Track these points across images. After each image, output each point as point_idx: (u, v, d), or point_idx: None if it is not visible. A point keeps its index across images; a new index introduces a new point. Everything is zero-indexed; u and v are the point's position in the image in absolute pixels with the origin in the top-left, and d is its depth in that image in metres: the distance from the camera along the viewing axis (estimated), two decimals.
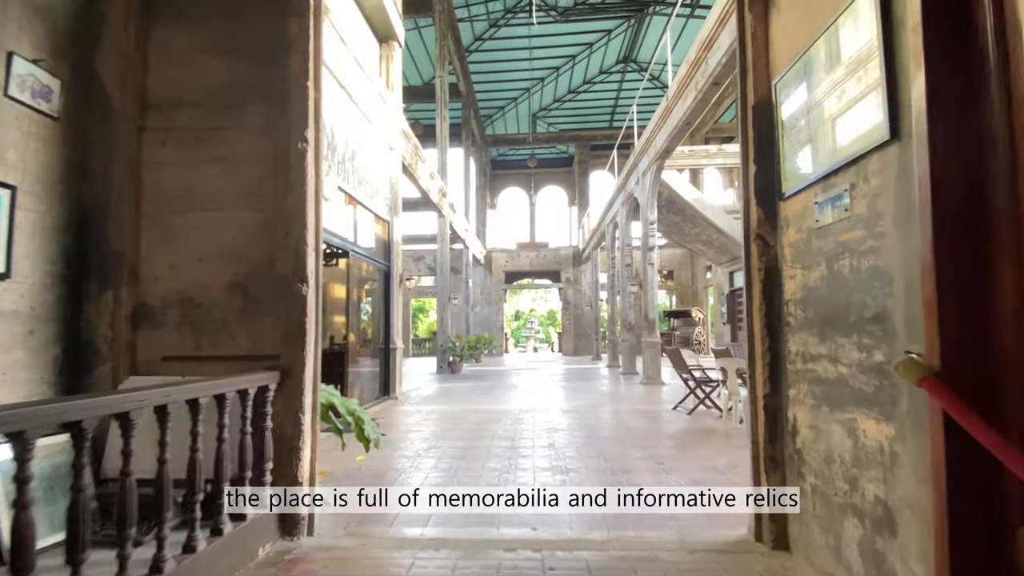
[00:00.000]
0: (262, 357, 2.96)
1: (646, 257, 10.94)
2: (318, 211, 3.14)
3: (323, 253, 7.60)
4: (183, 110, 3.07)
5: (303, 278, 2.99)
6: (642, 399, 8.50)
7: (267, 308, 3.01)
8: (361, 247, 7.63)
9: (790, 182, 2.75)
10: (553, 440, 5.29)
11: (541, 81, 23.01)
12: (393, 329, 8.85)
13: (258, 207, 3.06)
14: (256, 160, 3.06)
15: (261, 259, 3.04)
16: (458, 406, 7.87)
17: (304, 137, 3.02)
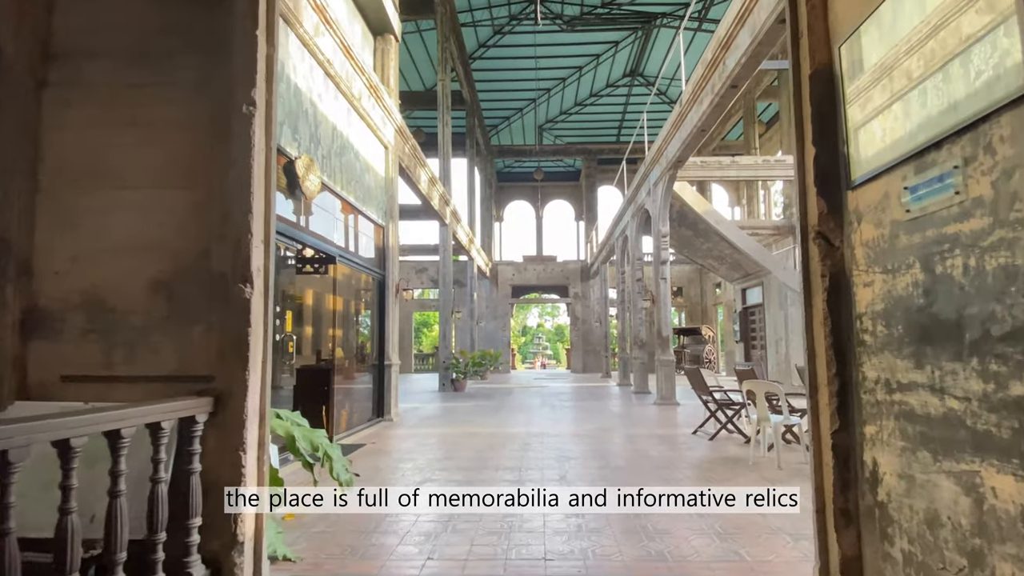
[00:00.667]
0: (192, 378, 2.38)
1: (658, 271, 10.38)
2: (269, 193, 2.56)
3: (306, 258, 7.10)
4: (97, 61, 2.47)
5: (246, 277, 2.40)
6: (658, 422, 7.88)
7: (199, 315, 2.42)
8: (351, 253, 7.13)
9: (861, 166, 2.21)
10: (565, 472, 4.70)
11: (547, 92, 22.71)
12: (388, 344, 8.31)
13: (190, 184, 2.46)
14: (188, 125, 2.47)
15: (192, 252, 2.44)
16: (459, 429, 7.29)
17: (250, 99, 2.42)
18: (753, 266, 12.40)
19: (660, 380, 10.10)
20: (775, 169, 10.88)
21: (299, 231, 5.71)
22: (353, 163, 7.27)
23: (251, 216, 2.47)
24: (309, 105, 6.05)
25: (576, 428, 7.30)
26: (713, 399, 6.43)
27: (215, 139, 2.45)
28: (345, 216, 7.01)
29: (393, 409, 8.30)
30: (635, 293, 12.88)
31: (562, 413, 9.01)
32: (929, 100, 1.82)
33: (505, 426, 7.55)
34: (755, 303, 13.03)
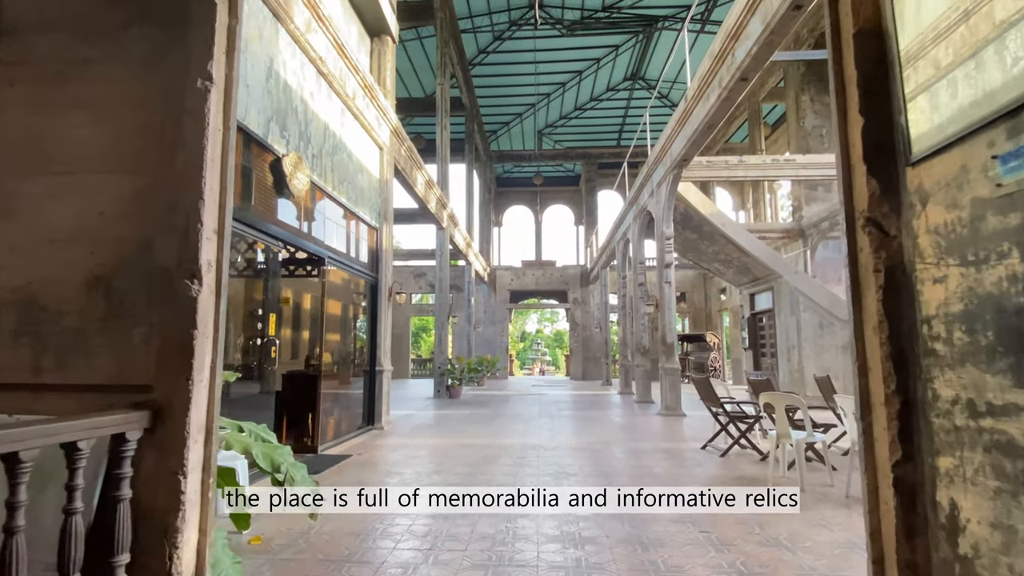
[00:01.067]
0: (129, 388, 2.01)
1: (662, 275, 9.97)
2: (226, 179, 2.21)
3: (293, 260, 6.69)
4: (46, 36, 2.18)
5: (193, 272, 2.04)
6: (663, 434, 7.45)
7: (140, 315, 2.06)
8: (341, 255, 6.73)
9: (925, 136, 1.81)
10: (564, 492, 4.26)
11: (547, 97, 22.42)
12: (380, 349, 7.89)
13: (136, 168, 2.14)
14: (137, 104, 2.16)
15: (135, 243, 2.10)
16: (452, 440, 6.86)
17: (207, 73, 2.11)
18: (762, 270, 11.99)
19: (664, 389, 9.67)
20: (784, 169, 10.50)
21: (285, 231, 5.31)
22: (346, 163, 6.89)
23: (202, 203, 2.13)
24: (299, 102, 5.70)
25: (575, 440, 6.87)
26: (724, 411, 6.00)
27: (167, 118, 2.14)
28: (335, 216, 6.61)
29: (384, 417, 7.87)
30: (637, 298, 12.47)
31: (561, 423, 8.57)
32: None
33: (500, 437, 7.12)
34: (764, 309, 12.61)
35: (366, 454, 5.85)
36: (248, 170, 4.76)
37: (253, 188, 4.82)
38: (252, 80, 4.78)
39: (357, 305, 7.70)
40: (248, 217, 4.65)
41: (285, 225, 5.33)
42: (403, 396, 13.68)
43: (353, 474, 4.88)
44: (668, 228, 9.90)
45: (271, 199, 5.11)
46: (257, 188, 4.90)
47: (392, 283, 8.37)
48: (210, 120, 2.16)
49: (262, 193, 4.97)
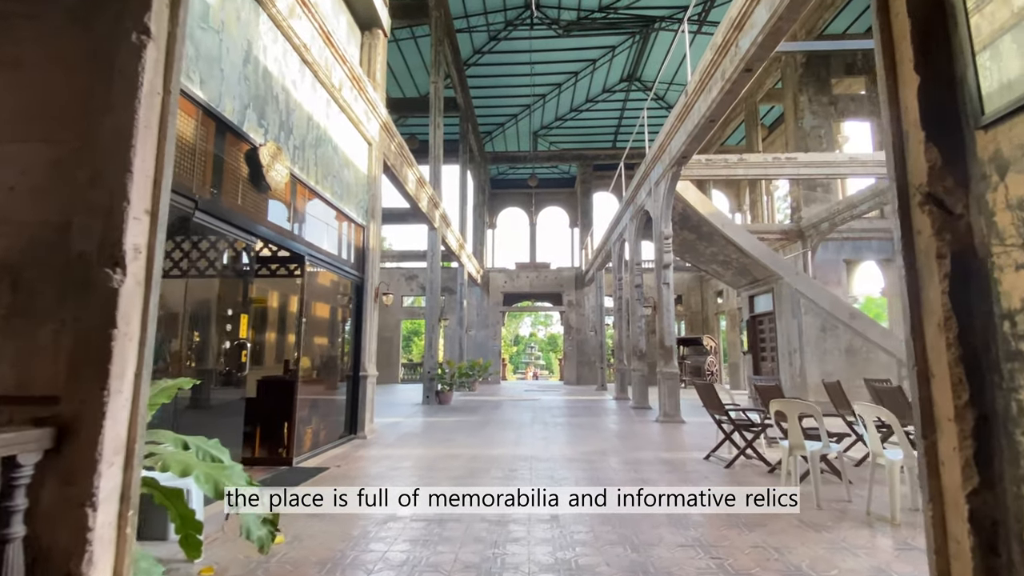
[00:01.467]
0: (29, 400, 1.66)
1: (660, 276, 9.65)
2: (164, 151, 1.87)
3: (270, 257, 6.29)
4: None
5: (116, 259, 1.69)
6: (663, 443, 7.10)
7: (49, 311, 1.72)
8: (324, 253, 6.35)
9: (1004, 91, 1.47)
10: (556, 510, 3.90)
11: (542, 98, 22.14)
12: (365, 353, 7.51)
13: (56, 137, 1.81)
14: (65, 64, 1.83)
15: (49, 224, 1.76)
16: (438, 450, 6.48)
17: (143, 26, 1.79)
18: (762, 272, 11.68)
19: (663, 395, 9.33)
20: (785, 167, 10.21)
21: (262, 226, 4.94)
22: (331, 157, 6.53)
23: (129, 177, 1.78)
24: (280, 91, 5.34)
25: (570, 450, 6.50)
26: (729, 419, 5.66)
27: (96, 79, 1.81)
28: (319, 213, 6.24)
29: (368, 425, 7.48)
30: (634, 300, 12.14)
31: (554, 431, 8.20)
32: None
33: (490, 446, 6.74)
34: (764, 311, 12.30)
35: (345, 466, 5.46)
36: (220, 159, 4.39)
37: (225, 178, 4.45)
38: (227, 65, 4.43)
39: (341, 307, 7.32)
40: (218, 209, 4.28)
41: (261, 220, 4.96)
42: (391, 402, 13.28)
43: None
44: (667, 228, 9.58)
45: (246, 191, 4.74)
46: (229, 179, 4.53)
47: (379, 284, 7.99)
48: (145, 80, 1.82)
49: (235, 184, 4.60)
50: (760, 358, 12.82)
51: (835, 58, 16.61)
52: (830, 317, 11.23)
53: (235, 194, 4.60)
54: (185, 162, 3.96)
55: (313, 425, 6.15)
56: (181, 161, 3.91)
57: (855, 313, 11.47)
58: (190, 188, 3.97)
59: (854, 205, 13.25)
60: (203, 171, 4.16)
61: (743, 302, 13.51)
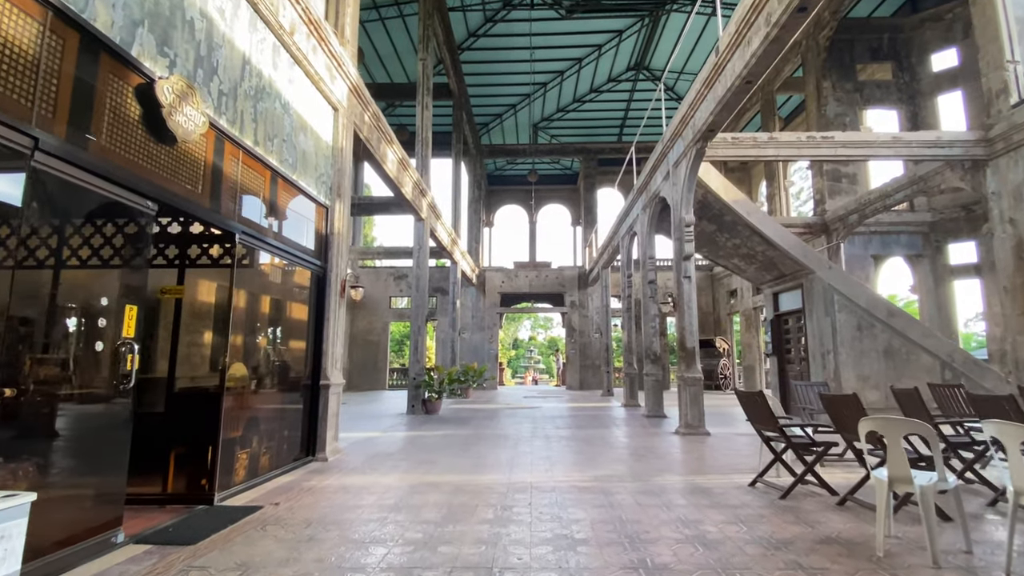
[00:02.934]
0: None
1: (680, 269, 8.36)
2: None
3: (188, 235, 4.85)
4: None
5: None
6: (691, 463, 5.78)
7: None
8: (267, 233, 5.06)
9: None
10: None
11: (543, 87, 20.89)
12: (327, 357, 6.21)
13: None
14: None
15: None
16: (413, 477, 5.17)
17: None
18: (790, 266, 10.40)
19: (684, 403, 8.02)
20: (821, 147, 8.91)
21: (165, 189, 3.66)
22: (278, 116, 5.25)
23: None
24: (198, 16, 4.07)
25: (579, 474, 5.19)
26: (783, 436, 4.36)
27: None
28: (260, 183, 4.96)
29: (330, 444, 6.17)
30: (647, 298, 10.84)
31: (559, 448, 6.89)
32: None
33: (480, 470, 5.43)
34: (791, 309, 11.00)
35: (286, 504, 4.15)
36: (89, 89, 3.11)
37: (99, 117, 3.17)
38: None
39: (294, 301, 6.02)
40: (81, 157, 2.99)
41: (162, 179, 3.67)
42: (371, 413, 11.96)
43: (243, 548, 3.19)
44: (688, 214, 8.30)
45: (136, 139, 3.46)
46: (111, 119, 3.25)
47: (347, 275, 6.70)
48: None
49: (119, 128, 3.32)
50: (786, 360, 11.51)
51: (859, 43, 15.41)
52: (867, 315, 9.95)
53: (119, 140, 3.31)
54: (17, 81, 2.69)
55: (252, 447, 4.85)
56: (8, 78, 2.64)
57: (894, 311, 10.17)
58: (26, 119, 2.69)
59: (887, 195, 11.98)
60: (54, 101, 2.88)
61: (766, 300, 12.21)
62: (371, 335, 22.40)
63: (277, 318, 5.69)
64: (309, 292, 6.19)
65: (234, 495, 4.35)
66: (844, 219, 13.43)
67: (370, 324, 22.48)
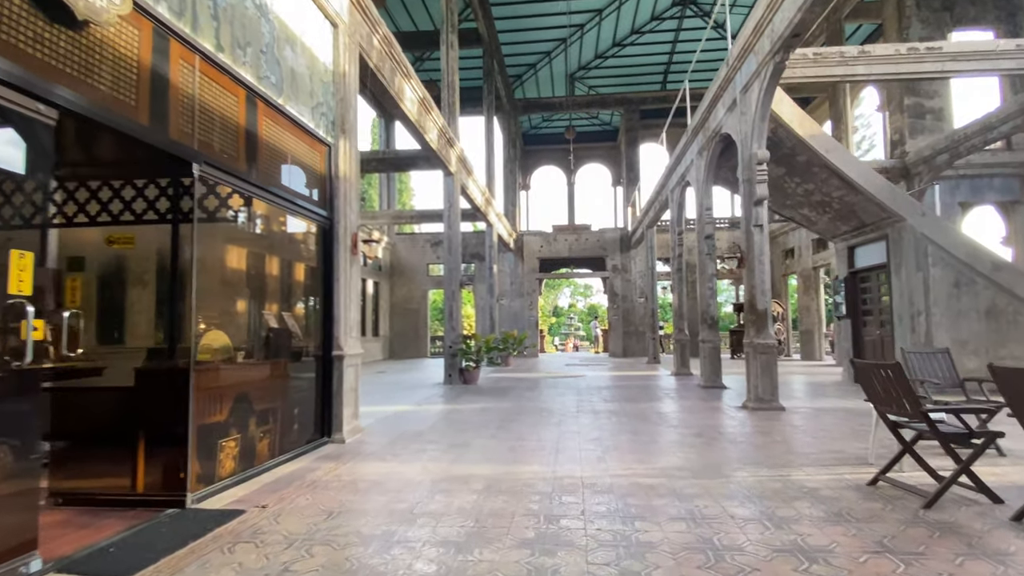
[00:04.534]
0: None
1: (752, 216, 7.08)
2: None
3: (125, 158, 3.30)
4: None
5: None
6: (777, 449, 4.69)
7: None
8: (244, 170, 4.12)
9: None
10: None
11: (580, 29, 19.15)
12: (339, 325, 5.34)
13: None
14: None
15: None
16: (439, 466, 4.28)
17: None
18: (874, 213, 8.93)
19: (755, 373, 6.87)
20: (925, 61, 7.28)
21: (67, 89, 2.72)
22: (251, 18, 4.22)
23: None
24: None
25: (641, 467, 4.19)
26: (929, 424, 3.22)
27: None
28: (231, 104, 4.00)
29: (347, 424, 5.35)
30: (703, 255, 9.59)
31: (610, 427, 5.90)
32: None
33: (519, 458, 4.50)
34: (870, 265, 9.57)
35: (274, 507, 3.32)
36: None
37: None
38: None
39: (293, 258, 5.14)
40: None
41: (68, 78, 2.72)
42: (409, 382, 11.24)
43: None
44: (760, 149, 6.96)
45: (14, 14, 2.51)
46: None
47: (358, 228, 5.76)
48: None
49: None
50: (862, 323, 10.10)
51: None
52: (967, 269, 8.46)
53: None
54: None
55: (245, 433, 4.04)
56: None
57: (1000, 263, 8.63)
58: None
59: (990, 127, 10.14)
60: None
61: (839, 256, 10.73)
62: (410, 303, 21.81)
63: (271, 278, 4.82)
64: (313, 248, 5.29)
65: (217, 493, 3.55)
66: (930, 160, 11.64)
67: (409, 292, 21.87)
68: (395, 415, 6.86)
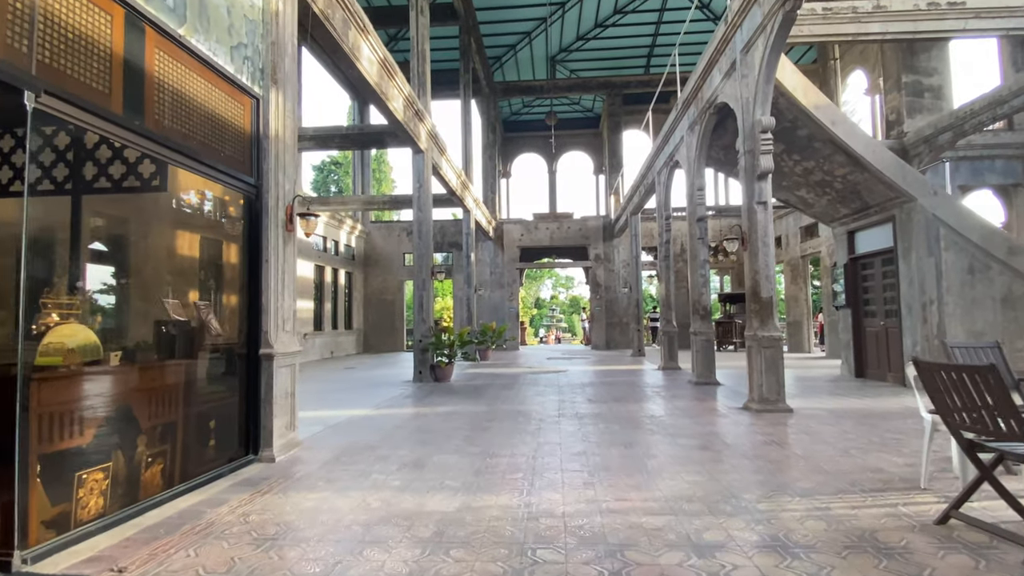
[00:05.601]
0: None
1: (755, 192, 6.25)
2: None
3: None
4: None
5: None
6: (798, 466, 3.87)
7: None
8: (128, 118, 3.12)
9: None
10: None
11: (561, 7, 18.19)
12: (270, 317, 4.37)
13: None
14: None
15: None
16: (382, 498, 3.36)
17: None
18: (880, 193, 8.20)
19: (757, 370, 6.06)
20: (947, 18, 6.51)
21: None
22: None
23: None
24: None
25: (640, 496, 3.33)
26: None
27: None
28: (99, 24, 3.00)
29: (279, 439, 4.40)
30: (696, 239, 8.78)
31: (598, 437, 5.03)
32: None
33: (485, 485, 3.60)
34: (873, 250, 8.86)
35: (139, 570, 2.37)
36: None
37: None
38: None
39: (202, 232, 4.16)
40: None
41: None
42: (376, 379, 10.28)
43: None
44: (764, 115, 6.13)
45: None
46: None
47: (294, 199, 4.78)
48: None
49: None
50: (864, 313, 9.41)
51: None
52: (981, 254, 7.79)
53: None
54: None
55: (125, 459, 3.07)
56: None
57: (1015, 248, 7.96)
58: None
59: (1000, 101, 9.48)
60: None
61: (838, 241, 10.02)
62: (386, 294, 20.77)
63: (172, 258, 3.84)
64: (234, 222, 4.31)
65: (72, 544, 2.60)
66: (931, 140, 10.98)
67: (384, 283, 20.81)
68: (348, 422, 5.91)
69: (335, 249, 18.83)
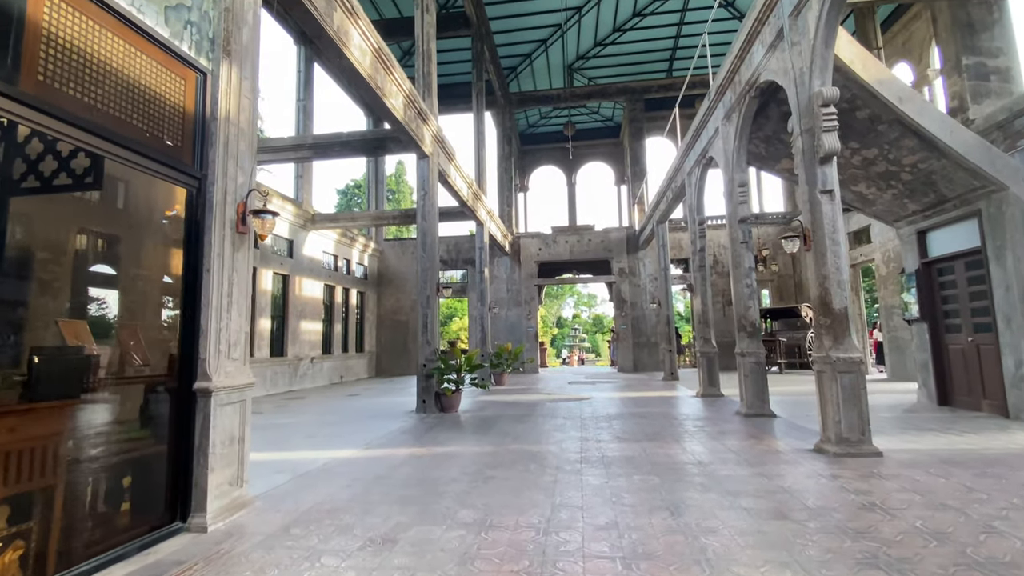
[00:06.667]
0: None
1: (817, 179, 5.12)
2: None
3: None
4: None
5: None
6: (935, 553, 2.69)
7: None
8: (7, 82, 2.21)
9: None
10: None
11: (577, 12, 17.40)
12: (209, 339, 3.40)
13: None
14: None
15: None
16: None
17: None
18: (961, 183, 6.97)
19: (832, 401, 4.84)
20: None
21: None
22: None
23: None
24: None
25: None
26: None
27: None
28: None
29: (218, 500, 3.38)
30: (739, 244, 7.62)
31: (632, 497, 3.89)
32: None
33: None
34: (955, 252, 7.57)
35: None
36: None
37: None
38: None
39: (122, 234, 3.23)
40: None
41: None
42: (375, 410, 9.26)
43: None
44: (826, 87, 5.03)
45: None
46: None
47: (249, 193, 3.83)
48: None
49: None
50: (944, 327, 8.05)
51: None
52: None
53: None
54: None
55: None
56: None
57: None
58: None
59: None
60: None
61: (906, 243, 8.71)
62: (399, 315, 19.89)
63: (67, 266, 2.91)
64: (169, 221, 3.38)
65: None
66: (1006, 126, 9.64)
67: (398, 303, 19.95)
68: (324, 468, 4.88)
69: (347, 268, 18.08)
